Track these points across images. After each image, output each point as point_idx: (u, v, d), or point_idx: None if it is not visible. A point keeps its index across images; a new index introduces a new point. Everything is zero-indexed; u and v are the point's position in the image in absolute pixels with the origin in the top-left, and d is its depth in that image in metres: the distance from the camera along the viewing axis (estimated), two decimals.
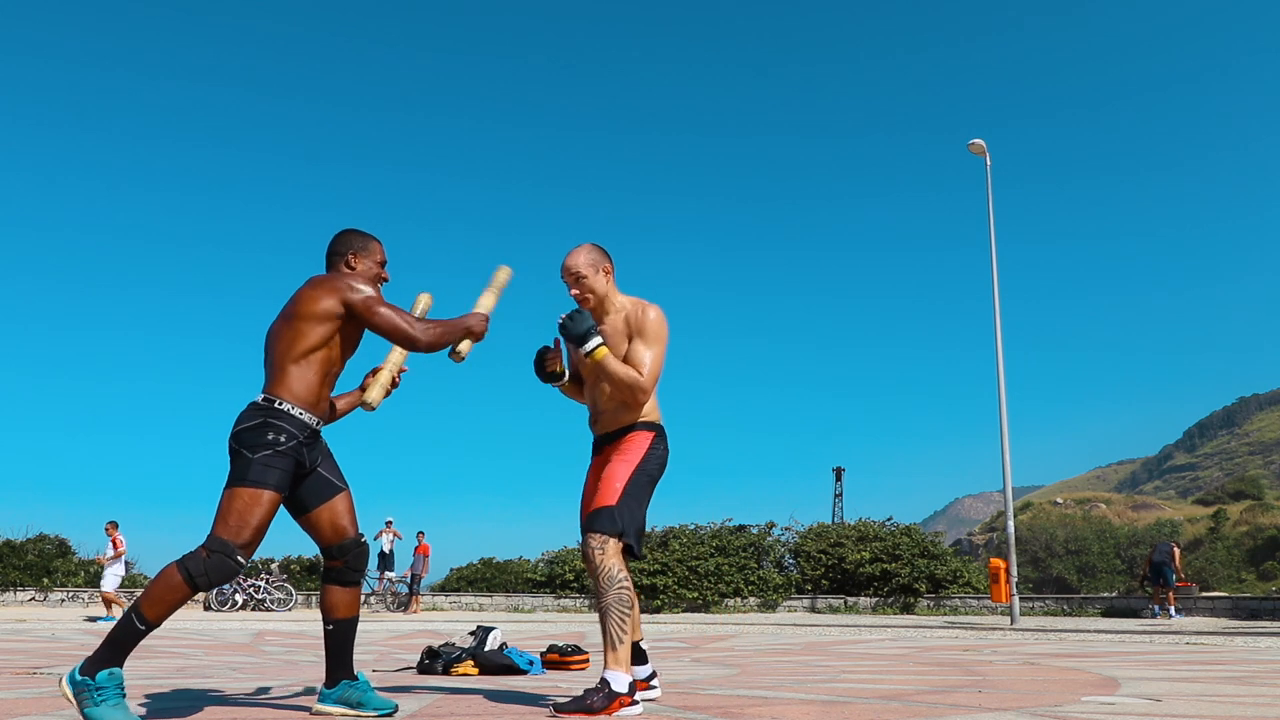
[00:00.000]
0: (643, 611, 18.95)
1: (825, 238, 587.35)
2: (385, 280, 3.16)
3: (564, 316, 3.28)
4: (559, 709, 2.93)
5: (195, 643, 7.54)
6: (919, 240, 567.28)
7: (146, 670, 4.76)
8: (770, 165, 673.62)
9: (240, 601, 17.63)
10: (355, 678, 3.07)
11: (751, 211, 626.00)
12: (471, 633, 5.03)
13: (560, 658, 5.15)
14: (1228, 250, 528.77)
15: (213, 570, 2.69)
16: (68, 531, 20.52)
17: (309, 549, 24.42)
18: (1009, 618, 14.29)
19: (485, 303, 3.23)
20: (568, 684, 4.11)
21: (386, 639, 8.49)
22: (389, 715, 3.00)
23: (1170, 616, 16.06)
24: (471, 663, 4.74)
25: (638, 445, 3.26)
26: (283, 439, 2.80)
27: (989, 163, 16.10)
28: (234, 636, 8.65)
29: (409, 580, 18.61)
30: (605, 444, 3.35)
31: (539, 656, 5.01)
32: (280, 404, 2.85)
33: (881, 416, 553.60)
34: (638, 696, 3.33)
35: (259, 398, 2.89)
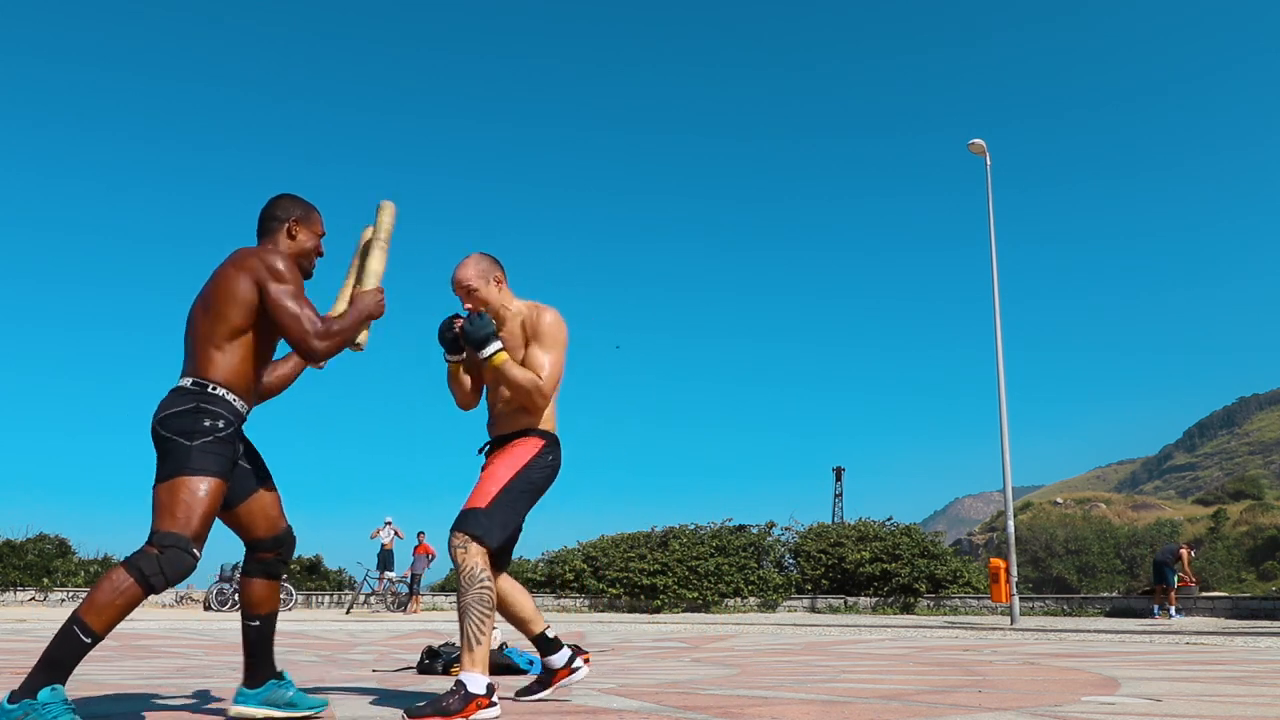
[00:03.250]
0: (643, 611, 18.96)
1: (825, 238, 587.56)
2: (321, 255, 2.97)
3: (464, 320, 3.23)
4: (412, 713, 2.81)
5: (195, 643, 7.54)
6: (919, 240, 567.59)
7: (147, 670, 4.75)
8: (770, 165, 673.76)
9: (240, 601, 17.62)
10: (281, 676, 2.93)
11: (751, 211, 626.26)
12: None
13: None
14: (1228, 250, 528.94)
15: (169, 567, 2.48)
16: (68, 531, 20.56)
17: (309, 549, 24.44)
18: (1009, 618, 14.29)
19: (375, 269, 2.98)
20: (568, 684, 4.10)
21: (386, 639, 8.48)
22: (320, 713, 2.90)
23: (1170, 616, 16.06)
24: None
25: (525, 450, 3.21)
26: (221, 424, 2.61)
27: (989, 163, 16.10)
28: (234, 636, 8.64)
29: (409, 580, 18.61)
30: (496, 447, 3.30)
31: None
32: (214, 389, 2.64)
33: (881, 416, 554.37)
34: (567, 681, 3.43)
35: (186, 382, 2.66)
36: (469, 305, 3.29)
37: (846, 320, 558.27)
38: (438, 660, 4.82)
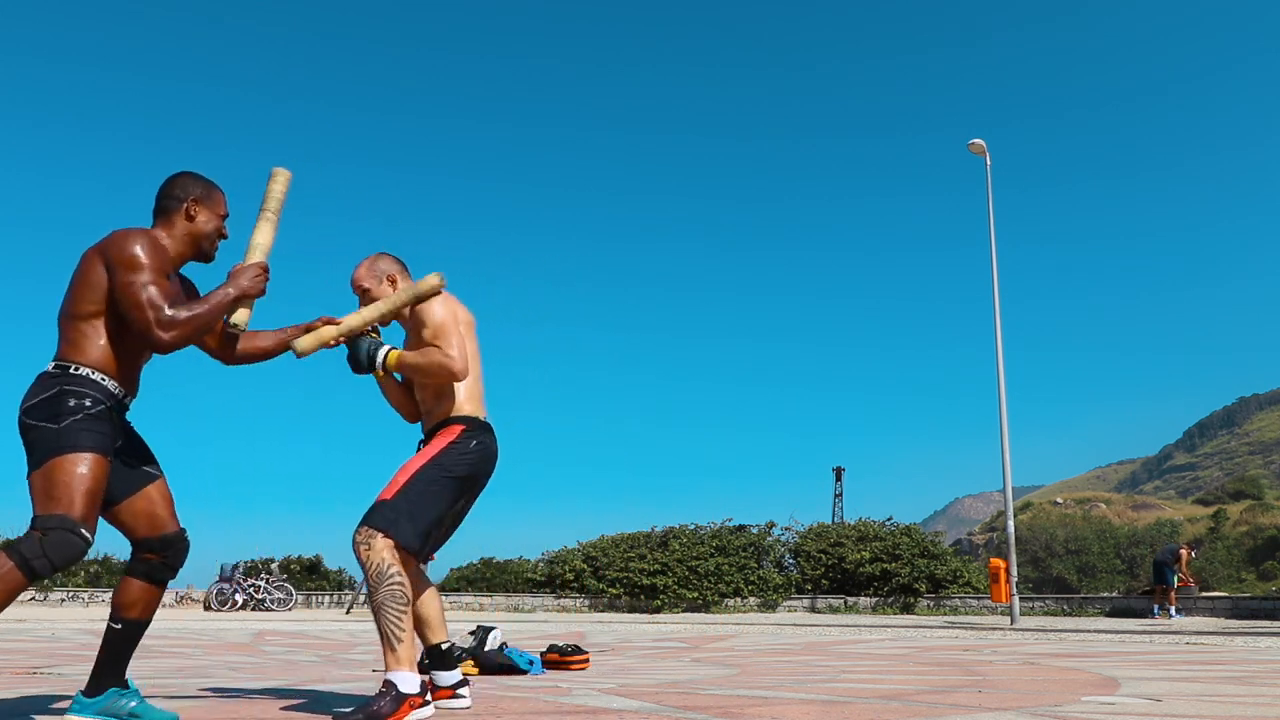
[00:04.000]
0: (643, 611, 18.95)
1: (825, 237, 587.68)
2: (225, 237, 2.81)
3: (347, 358, 3.12)
4: (341, 719, 2.71)
5: (195, 642, 7.54)
6: (919, 240, 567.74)
7: (147, 670, 4.75)
8: (770, 165, 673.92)
9: (240, 601, 17.64)
10: (127, 685, 2.68)
11: (751, 211, 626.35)
12: (471, 633, 5.03)
13: (560, 658, 5.14)
14: (1228, 250, 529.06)
15: (53, 551, 2.35)
16: None
17: (309, 548, 24.46)
18: (1009, 618, 14.29)
19: (260, 242, 2.80)
20: (567, 683, 4.11)
21: None
22: None
23: (1170, 616, 16.06)
24: (471, 663, 4.73)
25: (442, 439, 3.07)
26: (88, 403, 2.48)
27: (989, 163, 16.10)
28: (234, 636, 8.65)
29: None
30: (423, 443, 3.18)
31: (539, 656, 5.01)
32: (76, 369, 2.52)
33: (881, 416, 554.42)
34: (444, 704, 3.13)
35: (49, 366, 2.55)
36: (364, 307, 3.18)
37: (846, 320, 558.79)
38: None
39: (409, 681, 2.79)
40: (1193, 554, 19.72)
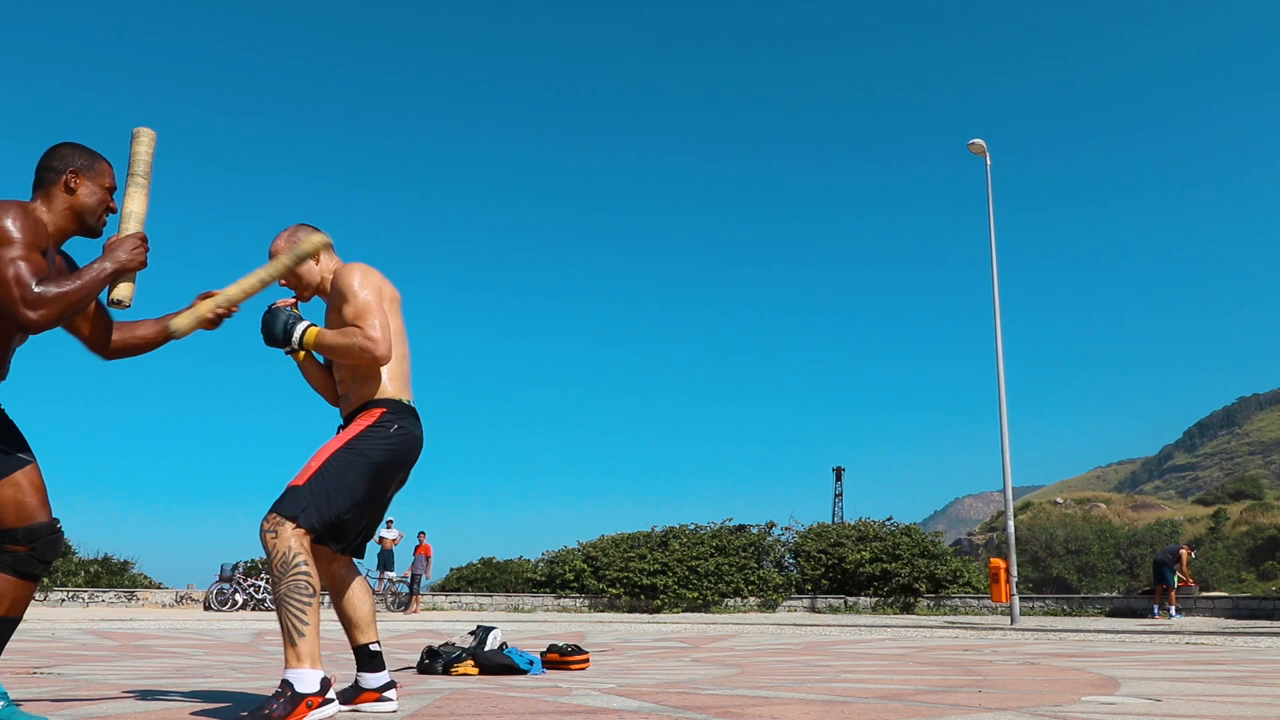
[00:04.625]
0: (643, 611, 18.94)
1: (825, 238, 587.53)
2: (113, 211, 2.63)
3: (261, 331, 2.95)
4: None
5: (196, 642, 7.54)
6: (919, 240, 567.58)
7: (147, 670, 4.75)
8: (770, 169, 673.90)
9: (240, 601, 17.62)
10: None
11: (751, 213, 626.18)
12: (471, 633, 5.03)
13: (560, 657, 5.14)
14: (1228, 250, 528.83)
15: None
16: (68, 531, 20.40)
17: None
18: (1009, 618, 14.30)
19: (134, 210, 2.60)
20: (568, 683, 4.11)
21: (387, 639, 8.48)
22: None
23: (1170, 616, 16.06)
24: (471, 663, 4.73)
25: (360, 423, 2.90)
26: None
27: (989, 163, 16.10)
28: (234, 636, 8.65)
29: (409, 580, 18.61)
30: (342, 428, 3.00)
31: (539, 656, 5.01)
32: None
33: (881, 416, 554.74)
34: (370, 708, 2.98)
35: None
36: (283, 282, 3.02)
37: (847, 320, 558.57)
38: (438, 660, 4.82)
39: (307, 680, 2.62)
40: (1192, 554, 19.71)
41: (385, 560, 19.17)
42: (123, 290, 2.49)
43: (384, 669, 3.07)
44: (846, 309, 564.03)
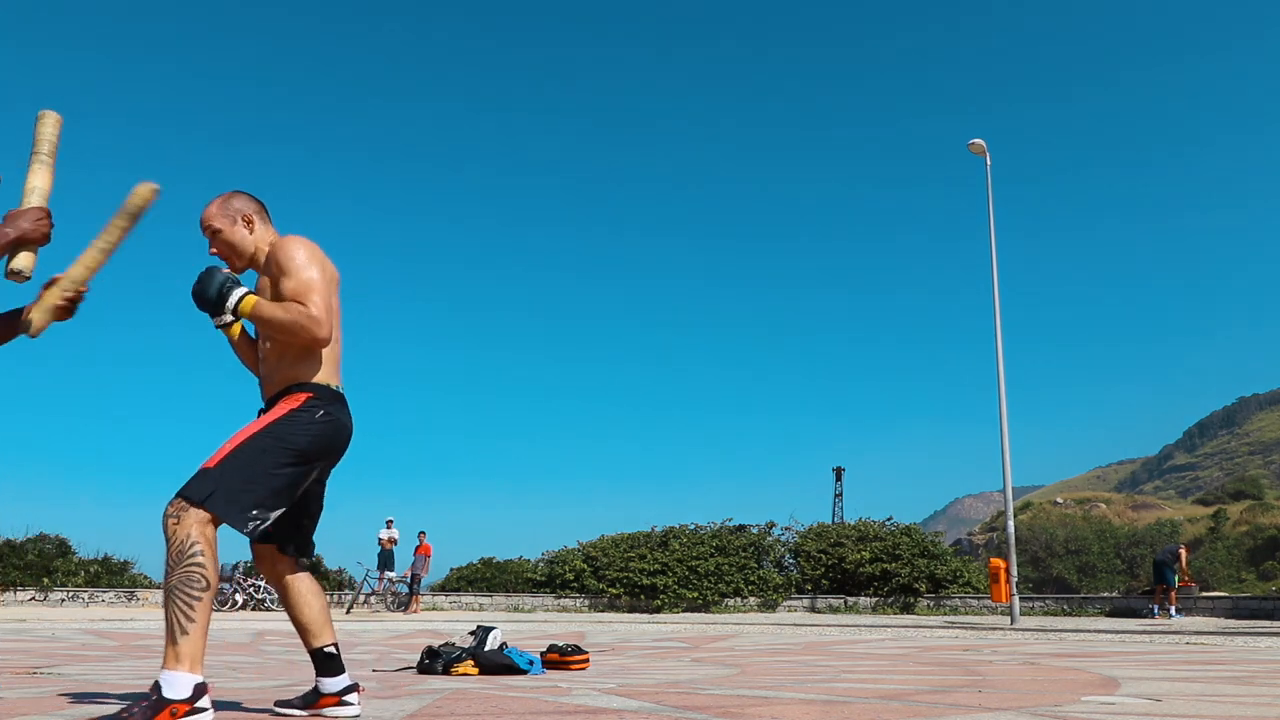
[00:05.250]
0: (643, 611, 18.94)
1: (825, 237, 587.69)
2: None
3: (193, 295, 2.71)
4: None
5: None
6: (919, 239, 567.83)
7: (148, 671, 4.75)
8: (769, 163, 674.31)
9: (240, 601, 17.63)
10: None
11: (751, 210, 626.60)
12: (471, 633, 5.03)
13: (560, 657, 5.14)
14: (1228, 250, 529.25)
15: None
16: (68, 531, 20.50)
17: None
18: (1009, 618, 14.30)
19: (37, 185, 2.48)
20: (567, 683, 4.11)
21: (386, 639, 8.49)
22: None
23: (1170, 616, 16.07)
24: (471, 662, 4.73)
25: (283, 406, 2.67)
26: None
27: (989, 162, 16.11)
28: (234, 636, 8.65)
29: (409, 580, 18.61)
30: (263, 411, 2.77)
31: (539, 656, 5.01)
32: None
33: (881, 416, 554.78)
34: (331, 712, 2.83)
35: None
36: (214, 250, 2.83)
37: (847, 320, 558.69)
38: (438, 660, 4.82)
39: (179, 685, 2.35)
40: (1190, 554, 19.75)
41: (385, 560, 19.18)
42: (23, 260, 2.39)
43: (343, 671, 2.89)
44: (846, 309, 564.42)
